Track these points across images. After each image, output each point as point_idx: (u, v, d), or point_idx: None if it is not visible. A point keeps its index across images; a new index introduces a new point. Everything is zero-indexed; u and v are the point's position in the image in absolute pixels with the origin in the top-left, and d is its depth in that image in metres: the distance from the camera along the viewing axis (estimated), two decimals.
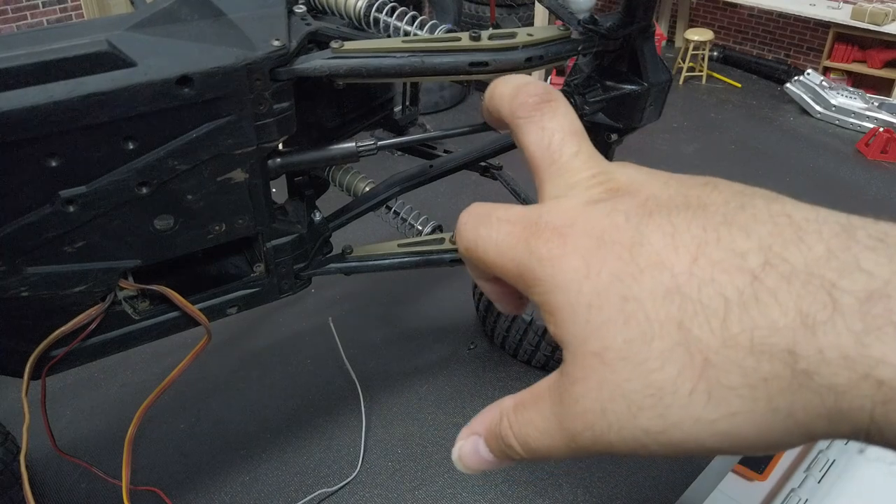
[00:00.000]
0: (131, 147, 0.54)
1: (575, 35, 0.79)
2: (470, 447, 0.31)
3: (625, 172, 0.30)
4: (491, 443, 0.30)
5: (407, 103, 1.07)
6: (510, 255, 0.30)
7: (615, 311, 0.25)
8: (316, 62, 0.63)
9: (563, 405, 0.27)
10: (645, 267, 0.25)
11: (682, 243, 0.25)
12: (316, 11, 0.81)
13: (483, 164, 1.10)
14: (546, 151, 0.32)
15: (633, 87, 0.87)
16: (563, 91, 0.90)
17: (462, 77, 0.73)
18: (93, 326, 0.63)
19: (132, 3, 0.77)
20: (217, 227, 0.65)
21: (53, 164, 0.51)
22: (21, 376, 0.63)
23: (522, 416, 0.31)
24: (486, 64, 0.71)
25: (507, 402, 0.32)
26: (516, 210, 0.32)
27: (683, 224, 0.25)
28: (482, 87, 1.07)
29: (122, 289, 0.64)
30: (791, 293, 0.22)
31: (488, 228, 0.32)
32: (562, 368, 0.28)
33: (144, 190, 0.57)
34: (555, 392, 0.28)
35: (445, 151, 1.05)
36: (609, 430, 0.26)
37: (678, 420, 0.24)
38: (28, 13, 3.42)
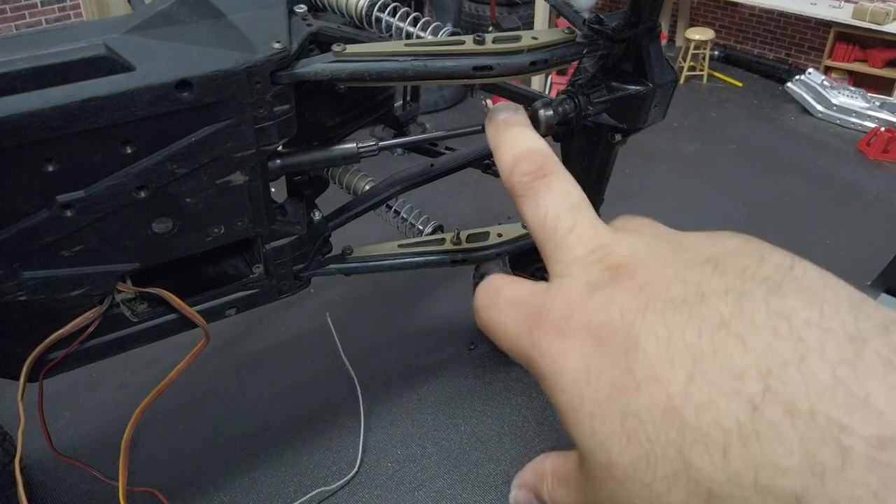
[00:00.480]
0: (129, 151, 0.53)
1: (580, 36, 0.78)
2: (524, 498, 0.33)
3: (625, 244, 0.29)
4: (540, 499, 0.32)
5: (408, 100, 1.06)
6: (516, 343, 0.30)
7: (618, 427, 0.24)
8: (318, 66, 0.62)
9: (586, 501, 0.27)
10: (641, 381, 0.24)
11: (677, 355, 0.23)
12: (315, 9, 0.81)
13: (485, 161, 1.10)
14: (542, 229, 0.32)
15: (638, 87, 0.86)
16: (567, 91, 0.89)
17: (466, 81, 0.72)
18: (91, 329, 0.63)
19: (130, 3, 0.77)
20: (216, 230, 0.65)
21: (51, 168, 0.51)
22: (17, 379, 0.63)
23: (559, 491, 0.31)
24: (490, 68, 0.70)
25: (548, 466, 0.32)
26: (524, 291, 0.31)
27: (678, 327, 0.24)
28: (484, 89, 1.07)
29: (119, 292, 0.64)
30: (795, 431, 0.20)
31: (497, 312, 0.32)
32: (581, 462, 0.27)
33: (143, 194, 0.56)
34: (580, 483, 0.28)
35: (447, 149, 1.05)
36: None
37: None
38: (27, 12, 3.41)
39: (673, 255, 0.27)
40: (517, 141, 0.36)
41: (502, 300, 0.32)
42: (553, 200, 0.32)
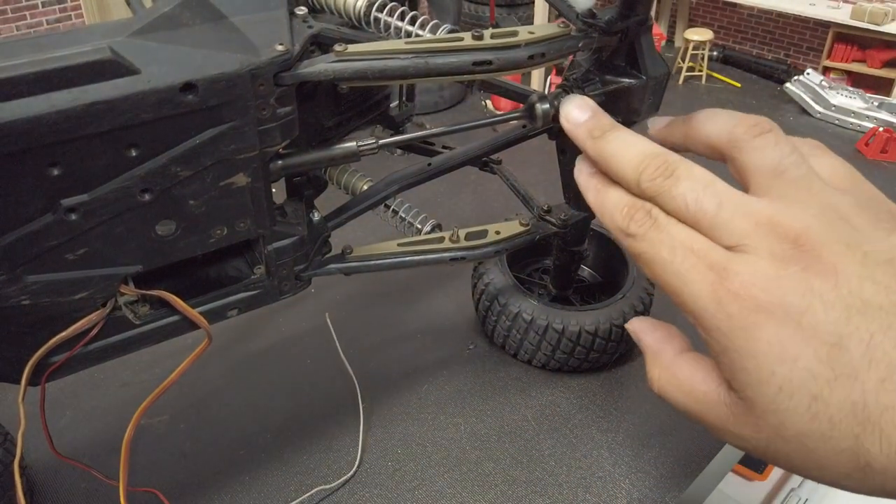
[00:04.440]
0: (134, 154, 0.54)
1: (574, 30, 0.79)
2: (633, 336, 0.39)
3: (791, 214, 0.31)
4: (644, 343, 0.37)
5: (403, 99, 1.07)
6: (692, 293, 0.32)
7: (802, 406, 0.27)
8: (320, 66, 0.62)
9: (734, 424, 0.31)
10: (839, 375, 0.27)
11: (875, 357, 0.27)
12: (313, 11, 0.81)
13: (483, 158, 1.10)
14: (688, 216, 0.33)
15: (631, 80, 0.87)
16: (562, 86, 0.90)
17: (466, 77, 0.73)
18: (94, 332, 0.63)
19: (129, 4, 0.77)
20: (218, 232, 0.65)
21: (55, 173, 0.51)
22: (19, 383, 0.63)
23: (671, 385, 0.35)
24: (489, 63, 0.71)
25: (665, 356, 0.35)
26: (701, 242, 0.32)
27: (879, 334, 0.27)
28: (483, 87, 1.07)
29: (122, 294, 0.64)
30: None
31: (671, 253, 0.33)
32: (736, 399, 0.31)
33: (147, 196, 0.57)
34: (727, 406, 0.31)
35: (445, 148, 1.05)
36: (765, 456, 0.30)
37: (835, 482, 0.27)
38: (27, 13, 3.41)
39: (852, 239, 0.29)
40: (630, 148, 0.38)
41: (678, 242, 0.33)
42: (687, 186, 0.33)
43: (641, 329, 0.40)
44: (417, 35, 0.77)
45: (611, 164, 0.38)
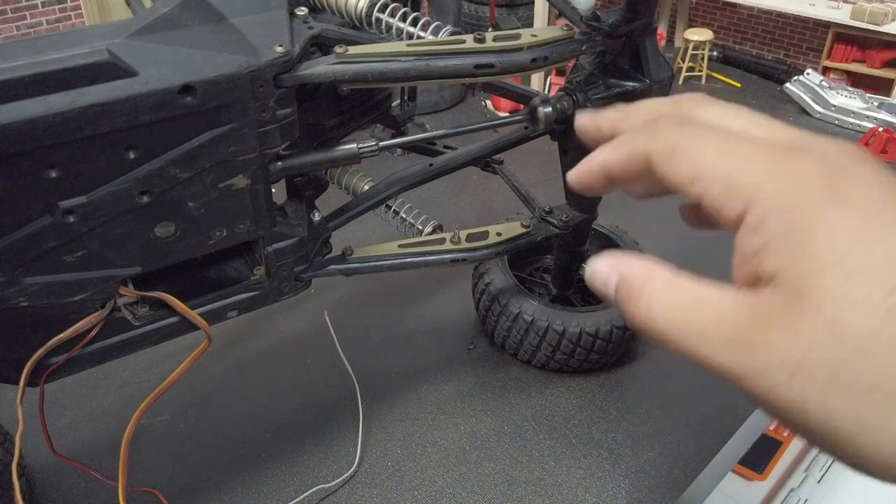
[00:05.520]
0: (132, 156, 0.53)
1: (578, 33, 0.78)
2: (602, 276, 0.31)
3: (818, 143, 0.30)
4: (621, 292, 0.30)
5: (405, 99, 1.07)
6: (752, 170, 0.27)
7: (876, 296, 0.22)
8: (320, 68, 0.62)
9: (762, 328, 0.25)
10: None
11: None
12: (313, 11, 0.81)
13: (485, 159, 1.10)
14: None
15: (635, 84, 0.87)
16: (564, 88, 0.89)
17: (467, 80, 0.72)
18: (93, 333, 0.63)
19: (128, 5, 0.77)
20: (218, 233, 0.65)
21: (53, 175, 0.51)
22: (17, 384, 0.63)
23: (673, 295, 0.28)
24: (491, 66, 0.70)
25: (661, 275, 0.29)
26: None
27: None
28: (484, 88, 1.07)
29: (121, 295, 0.64)
30: None
31: (721, 138, 0.29)
32: (771, 295, 0.25)
33: (145, 198, 0.56)
34: (751, 308, 0.25)
35: (446, 147, 1.05)
36: (796, 371, 0.24)
37: (883, 428, 0.23)
38: (27, 13, 3.41)
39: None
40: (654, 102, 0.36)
41: (726, 131, 0.31)
42: (717, 110, 0.34)
43: (620, 261, 0.31)
44: (419, 36, 0.76)
45: (633, 110, 0.35)
